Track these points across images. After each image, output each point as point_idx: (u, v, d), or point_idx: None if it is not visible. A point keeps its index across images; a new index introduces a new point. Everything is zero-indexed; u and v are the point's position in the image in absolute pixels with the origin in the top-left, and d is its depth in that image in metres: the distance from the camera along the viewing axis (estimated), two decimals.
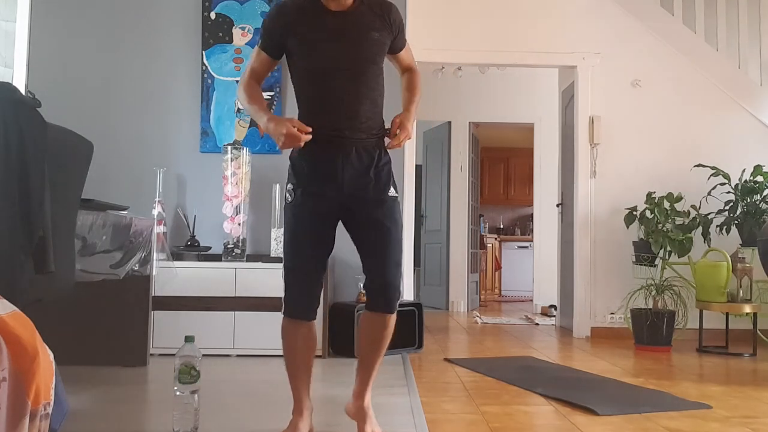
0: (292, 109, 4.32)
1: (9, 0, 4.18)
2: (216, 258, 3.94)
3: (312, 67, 2.16)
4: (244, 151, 4.01)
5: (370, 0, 2.22)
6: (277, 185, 4.02)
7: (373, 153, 2.16)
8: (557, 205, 5.82)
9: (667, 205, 4.57)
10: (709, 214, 4.69)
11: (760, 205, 4.59)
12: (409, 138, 2.19)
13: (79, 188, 2.14)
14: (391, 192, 2.19)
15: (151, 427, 2.36)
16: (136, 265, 3.06)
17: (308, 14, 2.15)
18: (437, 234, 7.39)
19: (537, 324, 5.92)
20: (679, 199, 4.59)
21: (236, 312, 3.70)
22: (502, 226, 10.38)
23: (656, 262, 4.57)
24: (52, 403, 1.53)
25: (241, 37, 4.30)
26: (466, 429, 2.30)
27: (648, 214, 4.60)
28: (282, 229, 3.96)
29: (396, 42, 2.27)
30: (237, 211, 3.96)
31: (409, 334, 4.03)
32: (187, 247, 4.00)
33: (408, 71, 2.40)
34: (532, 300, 7.48)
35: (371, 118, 2.16)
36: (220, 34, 4.29)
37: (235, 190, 3.96)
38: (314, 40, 2.14)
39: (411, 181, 4.57)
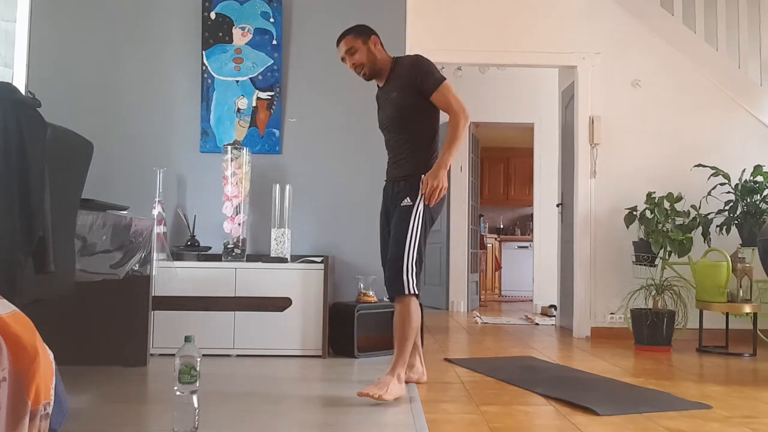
0: (291, 109, 4.34)
1: (9, 0, 4.18)
2: (216, 258, 3.94)
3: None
4: (244, 151, 4.01)
5: (399, 63, 2.98)
6: (277, 185, 4.02)
7: (403, 181, 2.91)
8: (557, 205, 5.83)
9: (667, 205, 4.57)
10: (709, 214, 4.69)
11: (760, 205, 4.59)
12: (437, 189, 2.82)
13: (79, 188, 2.14)
14: (405, 202, 2.85)
15: (151, 427, 2.35)
16: (136, 265, 3.06)
17: (377, 91, 3.10)
18: (437, 234, 7.39)
19: (537, 324, 5.92)
20: (679, 199, 4.59)
21: (236, 312, 3.70)
22: (502, 226, 10.39)
23: (656, 262, 4.57)
24: (52, 403, 1.53)
25: (241, 37, 4.30)
26: (466, 429, 2.30)
27: (648, 214, 4.60)
28: (282, 230, 4.00)
29: (422, 88, 2.86)
30: (237, 211, 3.96)
31: None
32: (187, 247, 4.00)
33: (449, 117, 2.88)
34: (532, 300, 7.48)
35: (405, 158, 2.93)
36: (220, 34, 4.29)
37: (235, 190, 3.96)
38: (377, 109, 3.12)
39: None
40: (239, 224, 3.96)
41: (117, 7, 4.33)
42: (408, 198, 2.86)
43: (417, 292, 2.80)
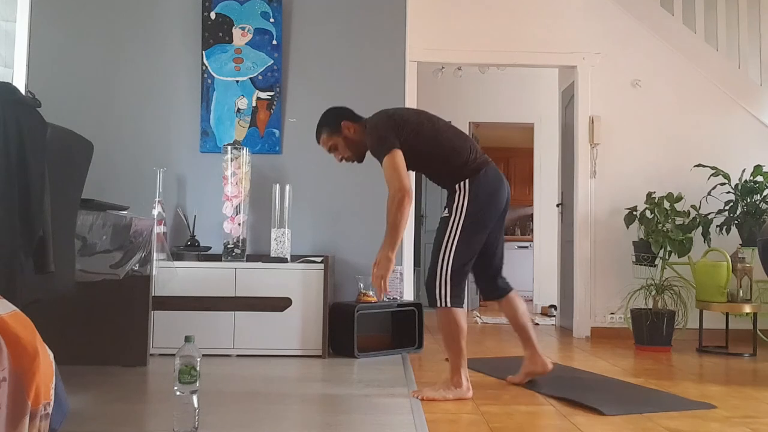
0: (291, 109, 4.34)
1: (9, 0, 4.18)
2: (216, 258, 3.94)
3: None
4: (244, 151, 4.01)
5: None
6: (277, 185, 4.02)
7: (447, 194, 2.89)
8: (557, 205, 5.83)
9: (667, 205, 4.57)
10: (709, 214, 4.69)
11: (760, 205, 4.59)
12: (377, 279, 2.66)
13: (79, 188, 2.14)
14: (444, 213, 2.81)
15: (151, 427, 2.35)
16: (136, 265, 3.06)
17: None
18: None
19: (537, 324, 5.92)
20: (679, 199, 4.58)
21: (236, 312, 3.70)
22: None
23: (656, 262, 4.57)
24: (52, 403, 1.53)
25: (241, 37, 4.30)
26: (466, 429, 2.30)
27: (648, 214, 4.60)
28: (282, 230, 3.99)
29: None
30: (237, 211, 3.96)
31: (409, 334, 4.03)
32: (187, 247, 4.00)
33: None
34: (532, 300, 7.48)
35: (441, 181, 2.92)
36: (220, 34, 4.29)
37: (235, 190, 3.96)
38: None
39: (411, 182, 4.57)
40: (239, 224, 3.95)
41: (117, 7, 4.33)
42: (447, 209, 2.80)
43: (450, 305, 2.73)
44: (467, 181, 2.79)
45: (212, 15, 4.29)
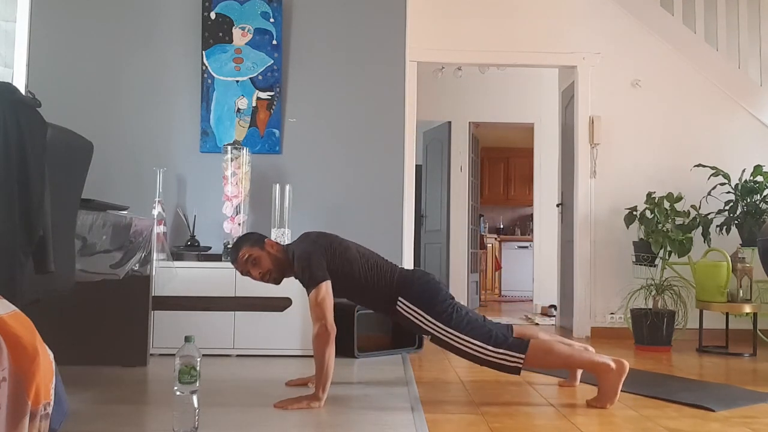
0: (291, 109, 4.34)
1: (9, 0, 4.18)
2: (216, 258, 3.94)
3: None
4: (244, 151, 4.01)
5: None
6: (277, 185, 4.02)
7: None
8: (557, 205, 5.82)
9: (667, 205, 4.57)
10: (709, 214, 4.69)
11: (760, 205, 4.59)
12: (291, 407, 2.51)
13: (79, 188, 2.14)
14: (426, 336, 2.78)
15: (151, 427, 2.35)
16: (136, 265, 3.06)
17: None
18: (437, 234, 7.39)
19: (537, 324, 5.92)
20: (679, 199, 4.58)
21: (236, 312, 3.70)
22: (502, 226, 10.39)
23: (656, 262, 4.57)
24: (52, 403, 1.53)
25: (241, 37, 4.30)
26: (466, 429, 2.30)
27: (648, 214, 4.60)
28: (282, 230, 3.99)
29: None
30: (237, 211, 3.96)
31: (409, 334, 4.03)
32: (187, 247, 4.00)
33: None
34: (532, 300, 7.48)
35: (374, 301, 2.88)
36: (220, 34, 4.29)
37: (235, 190, 3.96)
38: None
39: (411, 181, 4.58)
40: (239, 224, 3.96)
41: (117, 7, 4.33)
42: (425, 336, 2.77)
43: (521, 353, 2.63)
44: (399, 297, 2.74)
45: (212, 15, 4.30)
